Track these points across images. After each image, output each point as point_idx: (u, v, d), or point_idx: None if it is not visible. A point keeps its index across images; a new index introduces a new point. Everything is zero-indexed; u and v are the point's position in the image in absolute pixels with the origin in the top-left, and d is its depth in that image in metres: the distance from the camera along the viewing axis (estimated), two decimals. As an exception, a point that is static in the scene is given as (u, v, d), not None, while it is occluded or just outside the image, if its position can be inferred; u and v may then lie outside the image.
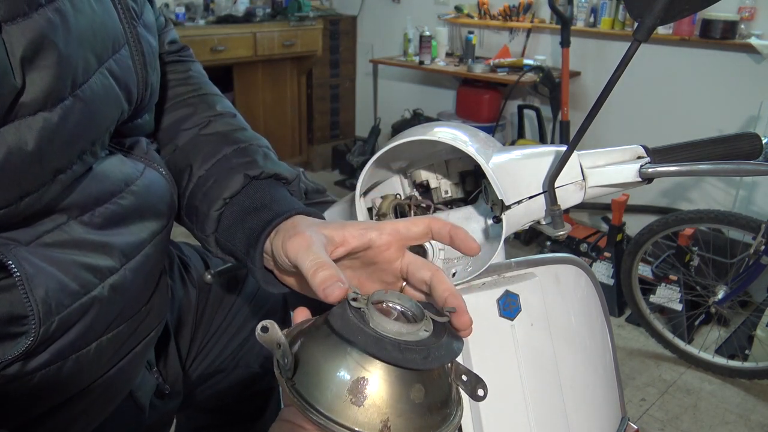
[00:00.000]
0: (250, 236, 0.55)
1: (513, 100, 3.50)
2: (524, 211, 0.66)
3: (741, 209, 2.72)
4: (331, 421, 0.41)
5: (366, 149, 4.02)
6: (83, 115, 0.44)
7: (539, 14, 3.47)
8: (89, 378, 0.55)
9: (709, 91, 2.92)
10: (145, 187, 0.55)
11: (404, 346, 0.42)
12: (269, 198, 0.58)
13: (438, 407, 0.45)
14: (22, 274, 0.43)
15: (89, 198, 0.49)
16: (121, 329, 0.55)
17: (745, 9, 2.73)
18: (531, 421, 0.66)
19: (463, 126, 0.69)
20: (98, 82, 0.47)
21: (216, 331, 0.86)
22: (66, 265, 0.47)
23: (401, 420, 0.43)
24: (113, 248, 0.51)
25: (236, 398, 0.90)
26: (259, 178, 0.61)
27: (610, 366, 0.78)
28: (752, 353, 2.26)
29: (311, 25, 3.84)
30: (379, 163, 0.66)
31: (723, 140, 0.72)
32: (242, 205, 0.58)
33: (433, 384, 0.45)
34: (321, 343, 0.45)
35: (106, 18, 0.48)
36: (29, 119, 0.40)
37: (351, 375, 0.43)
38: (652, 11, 0.52)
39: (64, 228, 0.47)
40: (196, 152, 0.63)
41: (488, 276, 0.68)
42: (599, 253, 2.69)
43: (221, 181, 0.60)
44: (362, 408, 0.42)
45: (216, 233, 0.60)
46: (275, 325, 0.42)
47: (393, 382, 0.43)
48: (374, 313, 0.44)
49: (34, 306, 0.44)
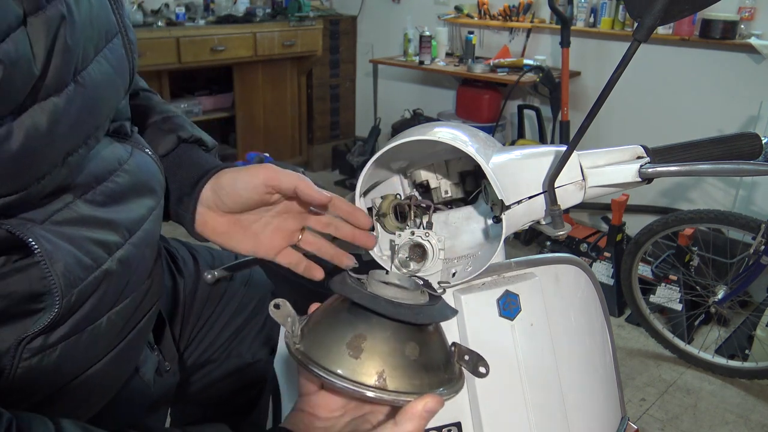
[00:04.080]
0: (182, 187, 0.64)
1: (513, 100, 3.50)
2: (524, 211, 0.66)
3: (741, 209, 2.72)
4: (330, 373, 0.45)
5: (366, 149, 4.02)
6: (85, 101, 0.48)
7: (539, 14, 3.47)
8: (102, 350, 0.58)
9: (709, 91, 2.91)
10: (137, 166, 0.59)
11: (397, 303, 0.47)
12: (198, 157, 0.67)
13: (434, 369, 0.48)
14: (42, 250, 0.46)
15: (90, 177, 0.53)
16: (128, 302, 0.58)
17: (745, 9, 2.73)
18: (531, 420, 0.66)
19: (463, 126, 0.69)
20: (96, 69, 0.50)
21: (206, 323, 0.88)
22: (78, 241, 0.50)
23: (396, 372, 0.46)
24: (117, 224, 0.54)
25: (228, 389, 0.92)
26: (188, 142, 0.69)
27: (610, 366, 0.78)
28: (752, 353, 2.26)
29: (311, 25, 3.84)
30: (379, 163, 0.66)
31: (723, 140, 0.72)
32: (173, 162, 0.66)
33: (428, 347, 0.48)
34: (325, 313, 0.50)
35: (101, 9, 0.52)
36: (42, 103, 0.44)
37: (349, 332, 0.47)
38: (652, 11, 0.52)
39: (71, 207, 0.51)
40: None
41: (488, 276, 0.68)
42: (599, 253, 2.69)
43: (154, 141, 0.67)
44: (359, 360, 0.46)
45: None
46: (287, 303, 0.48)
47: (388, 338, 0.46)
48: (373, 281, 0.49)
49: (56, 279, 0.48)
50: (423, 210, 0.69)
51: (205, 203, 0.63)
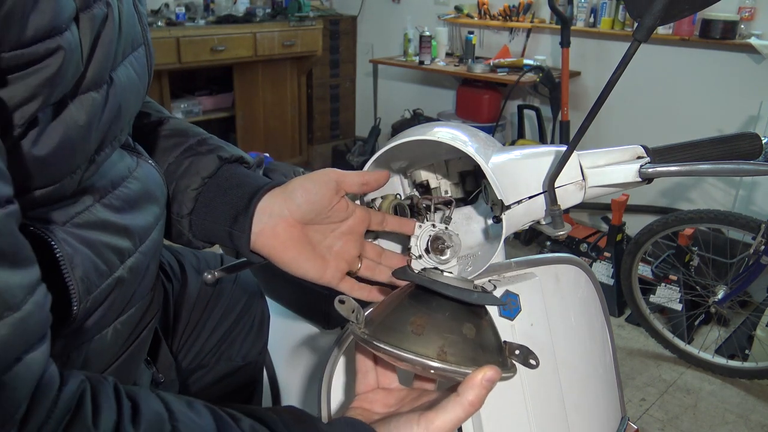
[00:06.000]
0: (236, 206, 0.62)
1: (513, 100, 3.50)
2: (524, 211, 0.66)
3: (741, 209, 2.72)
4: (397, 348, 0.50)
5: (366, 149, 4.02)
6: (114, 101, 0.49)
7: (539, 14, 3.47)
8: (107, 361, 0.58)
9: (709, 91, 2.92)
10: (144, 175, 0.59)
11: (454, 286, 0.52)
12: (244, 175, 0.66)
13: (489, 351, 0.52)
14: (63, 254, 0.46)
15: (106, 181, 0.53)
16: (133, 312, 0.58)
17: (745, 9, 2.73)
18: (531, 420, 0.66)
19: (462, 126, 0.69)
20: (123, 73, 0.51)
21: (195, 328, 0.88)
22: (96, 246, 0.50)
23: (455, 349, 0.50)
24: (131, 231, 0.54)
25: (220, 393, 0.92)
26: (229, 161, 0.68)
27: (610, 366, 0.78)
28: (752, 353, 2.26)
29: (311, 25, 3.84)
30: (379, 163, 0.66)
31: (723, 140, 0.72)
32: (219, 184, 0.65)
33: (482, 330, 0.53)
34: (387, 303, 0.56)
35: (130, 17, 0.53)
36: (82, 97, 0.45)
37: (411, 314, 0.52)
38: (652, 11, 0.52)
39: (91, 210, 0.50)
40: (160, 143, 0.69)
41: (488, 276, 0.68)
42: (599, 253, 2.69)
43: (197, 163, 0.66)
44: (422, 337, 0.50)
45: (191, 214, 0.65)
46: (350, 298, 0.53)
47: (447, 318, 0.51)
48: (431, 272, 0.54)
49: (75, 285, 0.47)
50: (423, 210, 0.69)
51: (278, 213, 0.61)
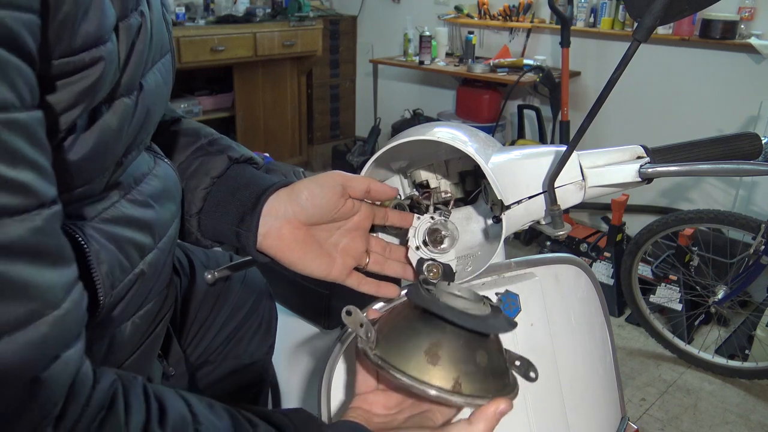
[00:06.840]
0: (244, 206, 0.62)
1: (513, 100, 3.50)
2: (524, 211, 0.66)
3: (741, 209, 2.72)
4: (414, 380, 0.49)
5: (366, 149, 4.02)
6: (143, 105, 0.51)
7: (539, 14, 3.47)
8: (124, 355, 0.58)
9: (709, 91, 2.92)
10: (163, 173, 0.60)
11: (470, 314, 0.51)
12: (252, 176, 0.66)
13: (498, 375, 0.52)
14: (91, 250, 0.47)
15: (129, 178, 0.54)
16: (150, 306, 0.59)
17: (745, 9, 2.73)
18: (531, 420, 0.66)
19: (462, 126, 0.69)
20: (152, 78, 0.53)
21: (203, 325, 0.88)
22: (120, 242, 0.51)
23: (469, 378, 0.50)
24: (153, 227, 0.55)
25: (227, 391, 0.92)
26: (239, 161, 0.68)
27: (610, 366, 0.78)
28: (752, 353, 2.26)
29: (311, 25, 3.84)
30: (379, 163, 0.66)
31: (723, 140, 0.72)
32: (227, 184, 0.65)
33: (492, 354, 0.52)
34: (397, 320, 0.54)
35: (159, 25, 0.54)
36: (116, 103, 0.47)
37: (425, 340, 0.50)
38: (652, 11, 0.52)
39: (117, 206, 0.52)
40: (172, 143, 0.70)
41: (488, 276, 0.68)
42: (599, 253, 2.69)
43: (206, 163, 0.67)
44: (438, 367, 0.50)
45: (200, 214, 0.65)
46: (357, 309, 0.51)
47: (462, 346, 0.50)
48: (442, 292, 0.53)
49: (102, 280, 0.48)
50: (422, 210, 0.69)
51: (283, 215, 0.61)
